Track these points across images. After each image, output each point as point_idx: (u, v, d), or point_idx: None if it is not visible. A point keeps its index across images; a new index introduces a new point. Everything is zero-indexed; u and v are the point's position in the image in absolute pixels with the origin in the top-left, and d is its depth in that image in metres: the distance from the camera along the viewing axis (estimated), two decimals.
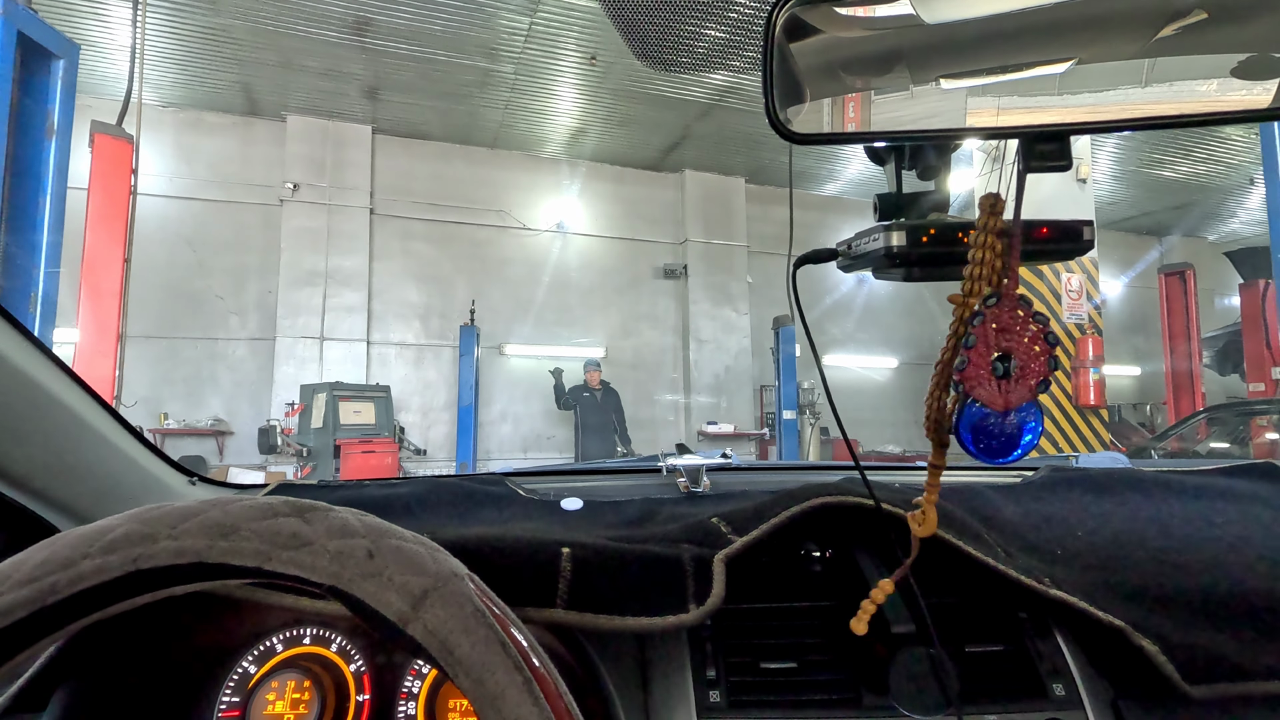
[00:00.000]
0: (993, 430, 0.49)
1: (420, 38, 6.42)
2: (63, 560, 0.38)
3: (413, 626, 0.37)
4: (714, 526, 0.74)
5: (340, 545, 0.39)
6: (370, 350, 8.01)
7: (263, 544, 0.39)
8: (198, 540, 0.39)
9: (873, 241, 0.53)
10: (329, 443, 6.33)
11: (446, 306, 8.38)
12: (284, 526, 0.40)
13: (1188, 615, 0.69)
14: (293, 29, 6.29)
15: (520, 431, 8.61)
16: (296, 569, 0.39)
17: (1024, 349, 0.46)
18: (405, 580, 0.39)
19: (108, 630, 0.59)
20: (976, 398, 0.47)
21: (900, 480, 0.93)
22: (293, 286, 7.69)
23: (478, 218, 8.62)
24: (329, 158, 7.95)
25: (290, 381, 7.47)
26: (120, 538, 0.39)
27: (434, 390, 8.31)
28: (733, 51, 6.11)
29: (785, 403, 7.91)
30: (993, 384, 0.46)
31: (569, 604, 0.61)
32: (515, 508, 0.93)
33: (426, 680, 0.71)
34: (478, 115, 7.94)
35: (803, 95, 0.50)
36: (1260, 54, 0.44)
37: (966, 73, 0.48)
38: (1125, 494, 0.93)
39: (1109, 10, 0.45)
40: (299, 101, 7.62)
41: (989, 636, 0.70)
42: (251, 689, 0.68)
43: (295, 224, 7.76)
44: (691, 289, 9.26)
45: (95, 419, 0.69)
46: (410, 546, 0.41)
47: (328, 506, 0.43)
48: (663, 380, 9.03)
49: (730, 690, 0.65)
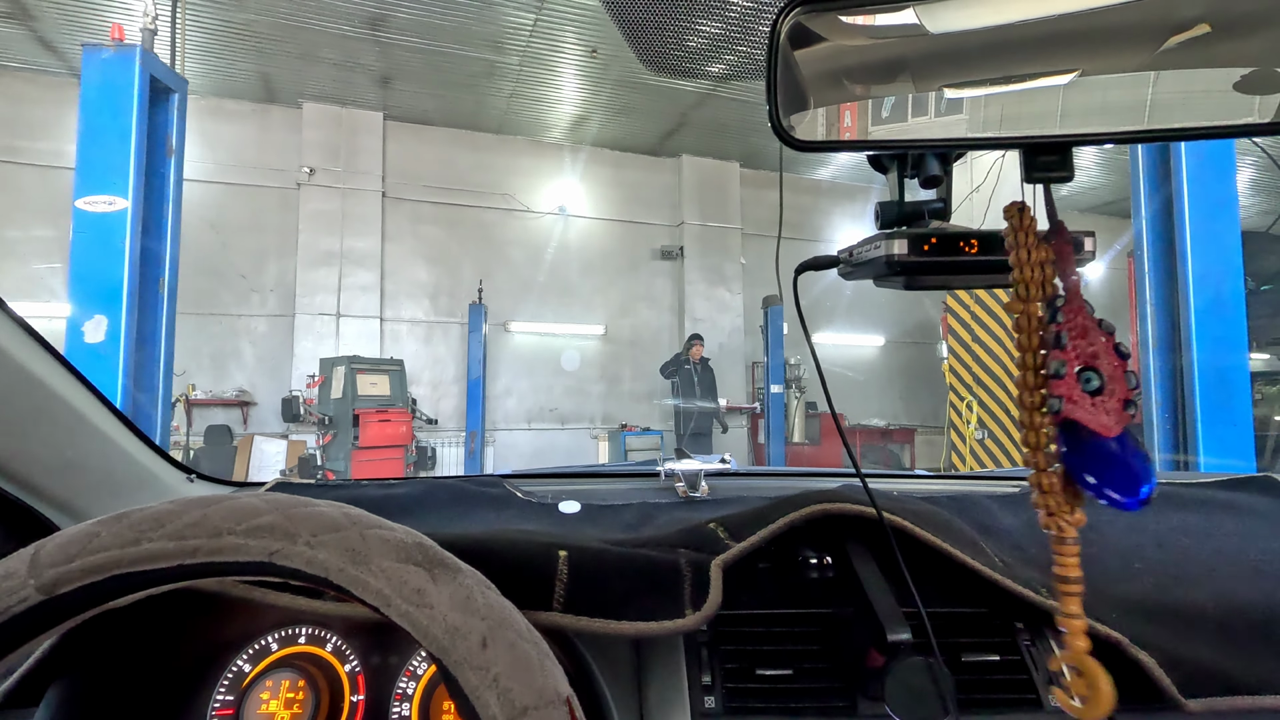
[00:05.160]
0: (1114, 457, 0.40)
1: (431, 32, 6.58)
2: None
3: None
4: (711, 532, 0.73)
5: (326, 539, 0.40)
6: (383, 327, 8.25)
7: (275, 540, 0.39)
8: (202, 538, 0.39)
9: (874, 250, 0.52)
10: (348, 412, 6.64)
11: (454, 286, 8.59)
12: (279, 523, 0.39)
13: (1186, 628, 0.68)
14: (311, 24, 6.44)
15: (524, 405, 8.85)
16: (305, 565, 0.39)
17: (1108, 359, 0.41)
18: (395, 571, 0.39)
19: (103, 627, 0.57)
20: (1076, 418, 0.40)
21: (899, 488, 0.92)
22: (310, 266, 7.93)
23: (484, 201, 8.81)
24: (343, 143, 8.14)
25: (309, 355, 7.71)
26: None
27: (443, 365, 8.55)
28: (736, 59, 6.17)
29: (773, 377, 8.18)
30: (1088, 402, 0.40)
31: (566, 607, 0.60)
32: (513, 510, 0.92)
33: (421, 681, 0.69)
34: (484, 103, 8.10)
35: (806, 103, 0.49)
36: (1262, 68, 0.44)
37: (969, 83, 0.48)
38: None
39: (1112, 23, 0.45)
40: (315, 90, 7.77)
41: (986, 646, 0.68)
42: (246, 688, 0.66)
43: (312, 207, 7.97)
44: (687, 270, 9.46)
45: (95, 415, 0.68)
46: (398, 537, 0.42)
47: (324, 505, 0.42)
48: (660, 357, 9.10)
49: (726, 696, 0.64)
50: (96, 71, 2.82)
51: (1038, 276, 0.43)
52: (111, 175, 2.75)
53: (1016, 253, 0.44)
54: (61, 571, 0.37)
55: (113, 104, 2.81)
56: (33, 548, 0.39)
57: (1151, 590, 0.73)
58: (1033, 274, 0.43)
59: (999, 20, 0.45)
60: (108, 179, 2.75)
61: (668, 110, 8.30)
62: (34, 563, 0.38)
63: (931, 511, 0.75)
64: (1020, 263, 0.43)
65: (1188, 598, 0.72)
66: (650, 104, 8.10)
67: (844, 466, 4.01)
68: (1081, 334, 0.41)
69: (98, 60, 2.83)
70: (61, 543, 0.39)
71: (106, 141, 2.77)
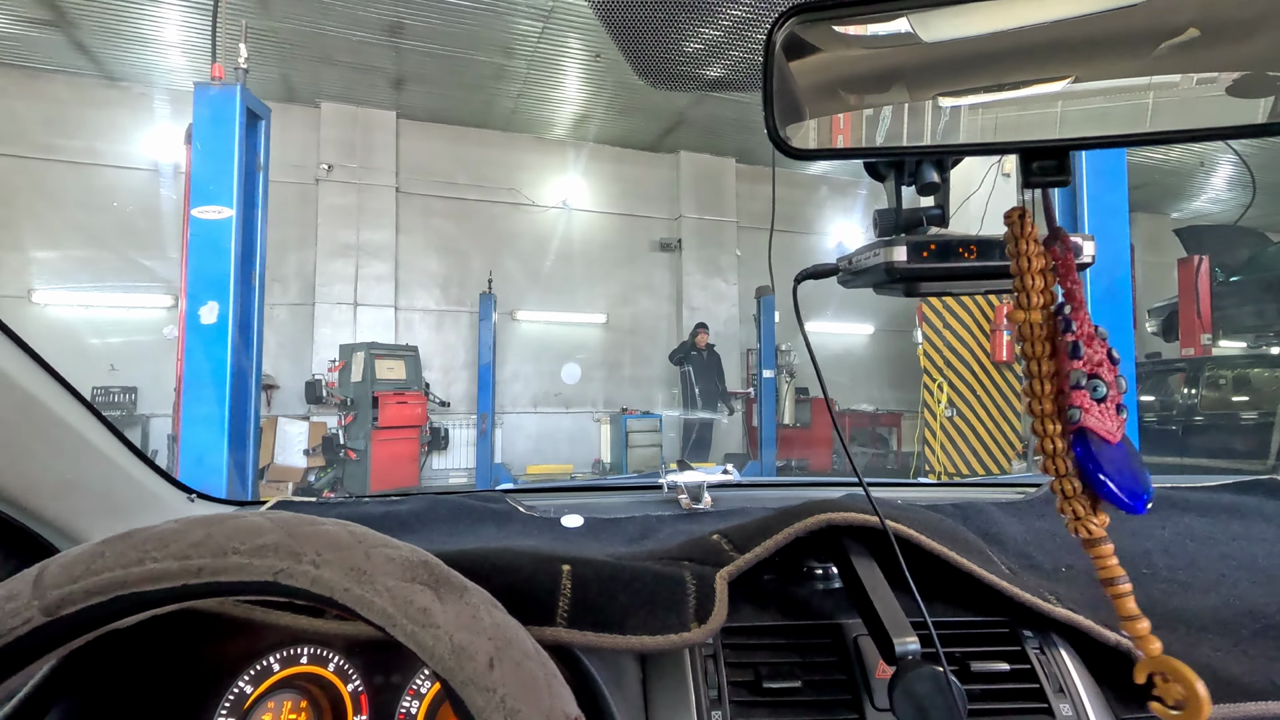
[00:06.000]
0: (1122, 461, 0.40)
1: (444, 38, 6.80)
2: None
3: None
4: (715, 544, 0.71)
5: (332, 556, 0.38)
6: (397, 315, 8.48)
7: (279, 559, 0.38)
8: (207, 558, 0.38)
9: (873, 257, 0.51)
10: (367, 394, 6.88)
11: (464, 276, 8.79)
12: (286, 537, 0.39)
13: (1194, 634, 0.67)
14: (331, 31, 6.66)
15: (530, 389, 9.09)
16: (310, 585, 0.38)
17: (1107, 366, 0.41)
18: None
19: (104, 649, 0.55)
20: (1089, 426, 0.40)
21: (903, 496, 0.90)
22: (329, 257, 8.15)
23: (491, 195, 9.01)
24: (359, 141, 8.32)
25: (328, 342, 7.93)
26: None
27: (453, 351, 8.78)
28: (733, 69, 6.60)
29: (765, 363, 8.40)
30: (1096, 409, 0.40)
31: (570, 622, 0.59)
32: (515, 525, 0.90)
33: (424, 700, 0.67)
34: (493, 103, 8.28)
35: (803, 112, 0.49)
36: (1255, 71, 0.44)
37: (965, 90, 0.48)
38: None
39: (1106, 29, 0.44)
40: (332, 90, 7.95)
41: (995, 655, 0.66)
42: (248, 710, 0.64)
43: (330, 201, 8.18)
44: (685, 261, 9.67)
45: (95, 436, 0.66)
46: (403, 555, 0.41)
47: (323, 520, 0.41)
48: (659, 344, 9.41)
49: (733, 710, 0.62)
50: (206, 106, 3.42)
51: (1039, 284, 0.42)
52: (218, 189, 3.35)
53: (1018, 260, 0.43)
54: (65, 592, 0.37)
55: (218, 131, 3.41)
56: (37, 568, 0.38)
57: (1160, 596, 0.72)
58: (1033, 282, 0.42)
59: (993, 27, 0.45)
60: (216, 192, 3.35)
61: (666, 109, 8.48)
62: (38, 583, 0.37)
63: (937, 520, 0.74)
64: (1022, 271, 0.43)
65: (1196, 603, 0.71)
66: (650, 104, 8.27)
67: (839, 462, 4.56)
68: (1089, 342, 0.41)
69: (207, 96, 3.43)
70: (65, 563, 0.38)
71: (214, 162, 3.38)
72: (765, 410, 8.36)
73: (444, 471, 8.40)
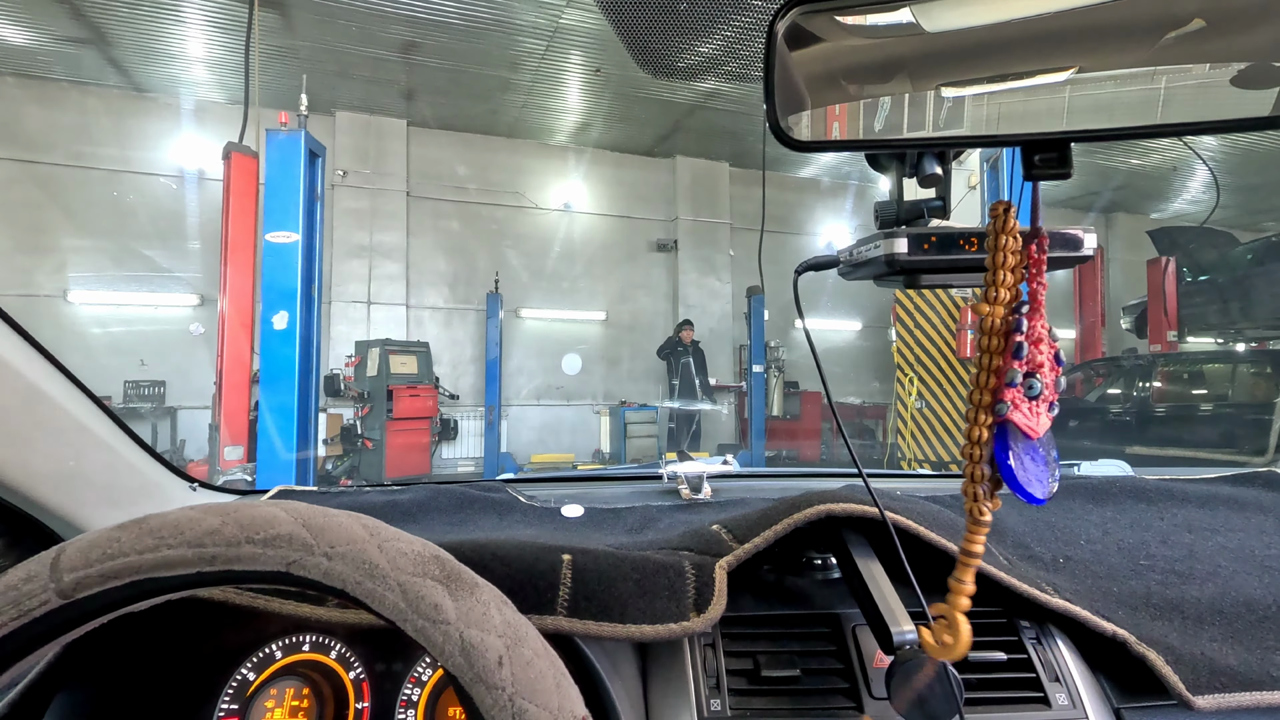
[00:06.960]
0: (1036, 457, 0.42)
1: (455, 55, 7.03)
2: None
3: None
4: (715, 534, 0.70)
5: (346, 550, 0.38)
6: (409, 313, 8.68)
7: (292, 550, 0.37)
8: (221, 546, 0.37)
9: (874, 249, 0.50)
10: (382, 388, 7.12)
11: (471, 275, 8.97)
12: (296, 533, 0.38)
13: (1192, 625, 0.66)
14: (348, 48, 6.89)
15: (534, 383, 9.28)
16: (322, 576, 0.37)
17: (1049, 367, 0.42)
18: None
19: (106, 637, 0.55)
20: (1014, 420, 0.41)
21: (902, 488, 0.90)
22: (344, 258, 8.33)
23: (497, 199, 9.19)
24: (372, 148, 8.49)
25: (343, 338, 8.09)
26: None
27: (461, 347, 8.97)
28: (732, 60, 6.27)
29: (755, 358, 8.61)
30: (1026, 405, 0.41)
31: (570, 611, 0.59)
32: (516, 515, 0.90)
33: (426, 688, 0.67)
34: (498, 112, 8.45)
35: (804, 103, 0.48)
36: (1259, 62, 0.43)
37: (967, 81, 0.47)
38: (1127, 503, 0.90)
39: (1108, 19, 0.44)
40: (347, 101, 8.13)
41: (992, 645, 0.66)
42: (250, 696, 0.64)
43: (344, 205, 8.34)
44: (681, 261, 9.85)
45: (97, 425, 0.66)
46: (416, 549, 0.40)
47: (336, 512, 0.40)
48: (656, 341, 9.48)
49: (732, 698, 0.62)
50: (276, 148, 4.03)
51: (1009, 280, 0.42)
52: (287, 217, 3.96)
53: (993, 255, 0.42)
54: (81, 576, 0.36)
55: (286, 169, 4.00)
56: (54, 551, 0.38)
57: (1157, 587, 0.71)
58: (1004, 278, 0.42)
59: (995, 18, 0.44)
60: (285, 219, 3.95)
61: (663, 117, 8.64)
62: (55, 566, 0.37)
63: (936, 511, 0.73)
64: (996, 265, 0.42)
65: (1194, 594, 0.70)
66: (647, 112, 8.45)
67: (826, 452, 4.97)
68: (1037, 343, 0.41)
69: (277, 139, 4.06)
70: (82, 547, 0.37)
71: (283, 195, 3.96)
72: (755, 403, 8.55)
73: (453, 460, 8.55)
